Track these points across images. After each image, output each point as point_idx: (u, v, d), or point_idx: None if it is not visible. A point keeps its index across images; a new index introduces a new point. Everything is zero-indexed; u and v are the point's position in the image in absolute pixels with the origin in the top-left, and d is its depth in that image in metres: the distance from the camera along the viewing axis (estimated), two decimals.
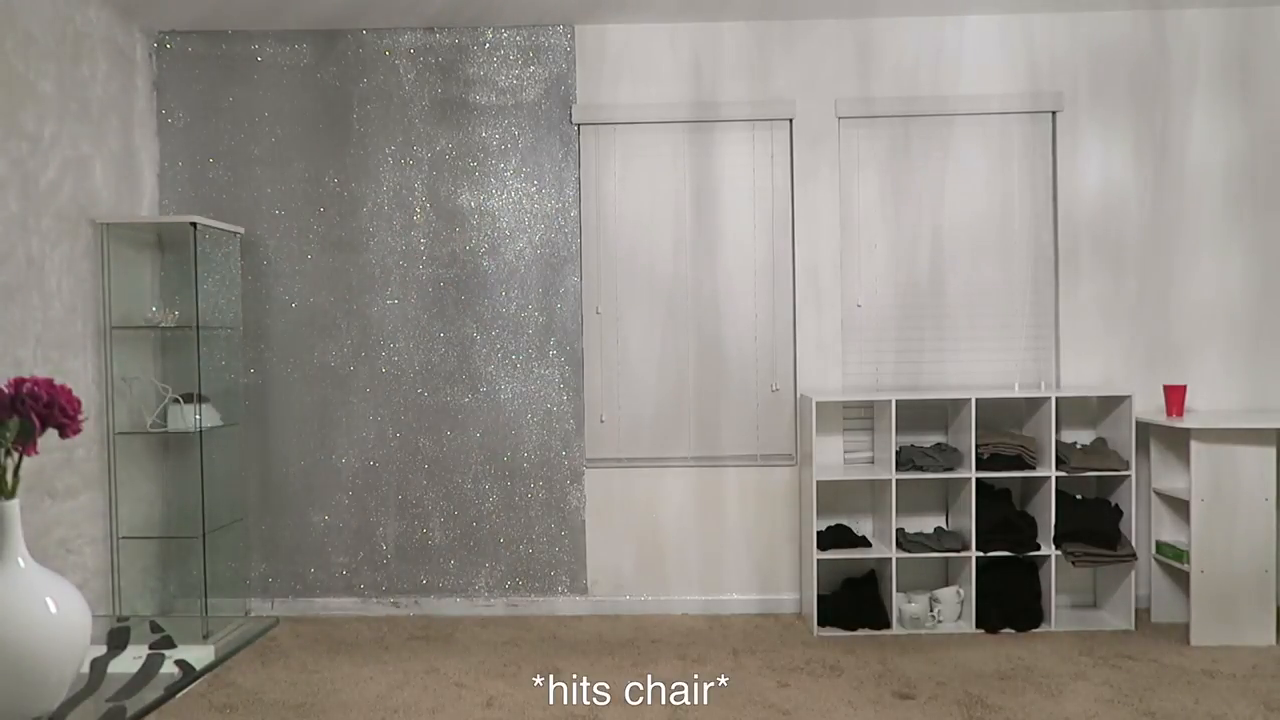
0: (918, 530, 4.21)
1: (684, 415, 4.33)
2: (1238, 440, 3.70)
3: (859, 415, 4.28)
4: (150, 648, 1.67)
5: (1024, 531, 3.96)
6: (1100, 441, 4.11)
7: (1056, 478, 3.94)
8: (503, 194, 4.32)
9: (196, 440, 3.93)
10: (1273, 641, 3.71)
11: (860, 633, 3.95)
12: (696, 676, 3.47)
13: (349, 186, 4.34)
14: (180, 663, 1.56)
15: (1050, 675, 3.44)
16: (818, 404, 4.05)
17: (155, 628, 1.90)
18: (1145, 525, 4.08)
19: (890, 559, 3.94)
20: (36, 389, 1.31)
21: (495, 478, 4.33)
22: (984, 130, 4.26)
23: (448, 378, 4.33)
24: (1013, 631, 3.93)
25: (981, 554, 3.94)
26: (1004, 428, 4.13)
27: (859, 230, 4.29)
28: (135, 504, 4.04)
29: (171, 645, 1.72)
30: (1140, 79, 4.22)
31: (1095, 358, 4.24)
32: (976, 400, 3.96)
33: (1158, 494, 4.04)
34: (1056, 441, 4.01)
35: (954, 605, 4.01)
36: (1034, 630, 3.94)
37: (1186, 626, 3.81)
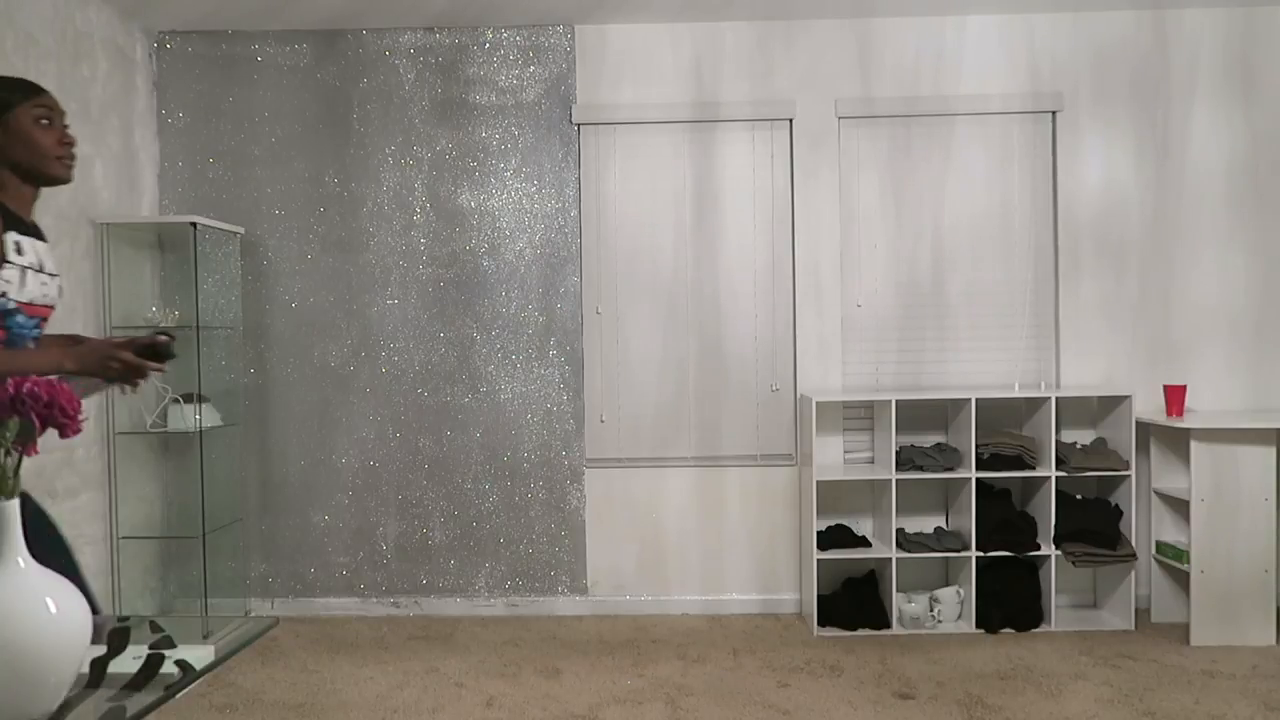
0: (918, 530, 4.21)
1: (684, 415, 4.33)
2: (1238, 440, 3.70)
3: (859, 415, 4.28)
4: (150, 648, 1.67)
5: (1024, 531, 3.96)
6: (1100, 441, 4.11)
7: (1056, 478, 3.94)
8: (503, 194, 4.32)
9: (196, 440, 3.93)
10: (1273, 641, 3.71)
11: (860, 633, 3.95)
12: (696, 676, 3.47)
13: (349, 186, 4.34)
14: (180, 663, 1.56)
15: (1050, 675, 3.44)
16: (818, 404, 4.05)
17: (155, 628, 1.89)
18: (1145, 525, 4.08)
19: (890, 559, 3.94)
20: (36, 389, 1.30)
21: (495, 478, 4.33)
22: (984, 130, 4.26)
23: (448, 378, 4.34)
24: (1013, 631, 3.93)
25: (981, 554, 3.94)
26: (1004, 428, 4.13)
27: (859, 230, 4.29)
28: (135, 504, 4.04)
29: (171, 645, 1.72)
30: (1141, 79, 4.22)
31: (1095, 357, 4.24)
32: (976, 400, 3.96)
33: (1158, 494, 4.04)
34: (1056, 441, 4.01)
35: (954, 605, 4.01)
36: (1034, 630, 3.94)
37: (1186, 626, 3.81)
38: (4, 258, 1.86)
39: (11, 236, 1.89)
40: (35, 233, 2.01)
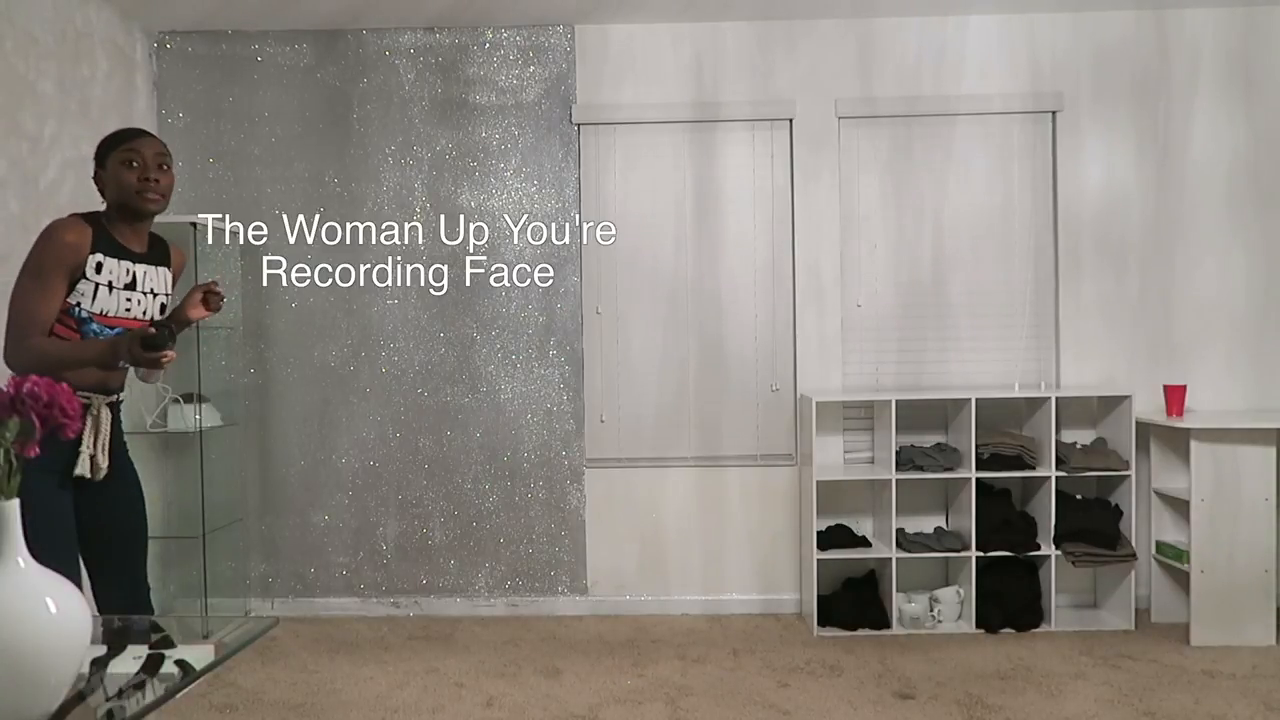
0: (918, 530, 4.21)
1: (684, 415, 4.32)
2: (1238, 440, 3.70)
3: (859, 415, 4.28)
4: (150, 648, 1.68)
5: (1024, 531, 3.96)
6: (1100, 441, 4.11)
7: (1056, 478, 3.94)
8: (503, 194, 4.32)
9: (196, 440, 3.93)
10: (1273, 641, 3.71)
11: (860, 633, 3.95)
12: (696, 676, 3.47)
13: (349, 186, 4.33)
14: (180, 663, 1.56)
15: (1050, 675, 3.44)
16: (818, 404, 4.05)
17: (155, 628, 1.90)
18: (1145, 525, 4.08)
19: (890, 559, 3.94)
20: (36, 389, 1.30)
21: (495, 478, 4.33)
22: (985, 130, 4.26)
23: (448, 378, 4.33)
24: (1013, 631, 3.93)
25: (981, 554, 3.94)
26: (1004, 428, 4.13)
27: (859, 230, 4.29)
28: None
29: (171, 645, 1.72)
30: (1142, 79, 4.22)
31: (1095, 358, 4.24)
32: (976, 400, 3.96)
33: (1158, 494, 4.04)
34: (1056, 441, 4.01)
35: (954, 605, 4.01)
36: (1034, 630, 3.94)
37: (1186, 626, 3.81)
38: (84, 274, 2.20)
39: (95, 258, 2.21)
40: (130, 256, 2.32)
